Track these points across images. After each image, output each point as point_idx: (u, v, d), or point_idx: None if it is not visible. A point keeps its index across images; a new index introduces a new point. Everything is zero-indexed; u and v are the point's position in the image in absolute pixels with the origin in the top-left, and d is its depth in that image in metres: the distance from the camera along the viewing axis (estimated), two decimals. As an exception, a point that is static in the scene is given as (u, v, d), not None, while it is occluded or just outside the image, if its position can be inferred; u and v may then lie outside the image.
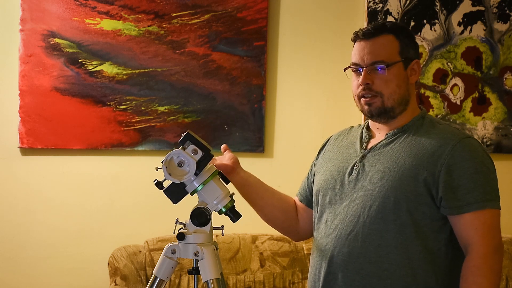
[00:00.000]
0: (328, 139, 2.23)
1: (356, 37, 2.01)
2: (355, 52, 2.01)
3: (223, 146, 2.16)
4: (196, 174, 1.87)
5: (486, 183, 1.88)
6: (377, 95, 1.97)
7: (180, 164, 1.87)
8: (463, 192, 1.85)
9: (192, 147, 1.88)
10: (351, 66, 2.01)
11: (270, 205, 2.19)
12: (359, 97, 2.00)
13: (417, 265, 1.88)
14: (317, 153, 2.24)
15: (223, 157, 2.13)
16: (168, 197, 1.92)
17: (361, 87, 1.98)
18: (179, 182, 1.87)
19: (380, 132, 2.04)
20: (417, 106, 2.06)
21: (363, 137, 2.07)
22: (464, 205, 1.85)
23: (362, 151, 2.03)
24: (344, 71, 2.06)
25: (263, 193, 2.18)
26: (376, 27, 1.99)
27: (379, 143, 2.01)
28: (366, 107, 1.99)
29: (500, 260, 1.87)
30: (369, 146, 2.03)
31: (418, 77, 2.04)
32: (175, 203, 1.92)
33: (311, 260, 2.08)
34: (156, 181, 1.90)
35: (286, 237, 3.13)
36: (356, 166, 2.00)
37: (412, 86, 2.02)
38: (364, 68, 1.97)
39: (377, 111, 1.98)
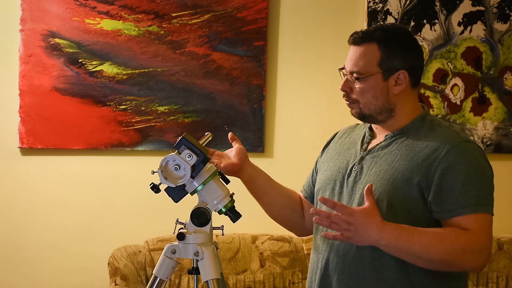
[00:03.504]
0: (333, 136, 2.22)
1: (348, 41, 2.01)
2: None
3: (230, 135, 2.13)
4: (192, 177, 1.89)
5: (480, 187, 1.85)
6: (355, 102, 1.98)
7: (176, 168, 1.88)
8: (456, 196, 1.83)
9: (187, 151, 1.89)
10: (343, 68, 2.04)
11: (277, 203, 2.18)
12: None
13: (412, 269, 1.87)
14: (321, 149, 2.24)
15: (230, 153, 2.11)
16: (169, 196, 1.93)
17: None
18: (174, 186, 1.89)
19: (380, 133, 2.04)
20: (419, 106, 2.03)
21: (365, 138, 2.06)
22: (457, 208, 1.83)
23: (361, 152, 2.02)
24: (339, 71, 2.05)
25: (271, 190, 2.17)
26: (363, 34, 1.97)
27: (378, 144, 2.00)
28: (350, 111, 2.03)
29: (479, 261, 1.83)
30: (369, 147, 2.03)
31: (405, 87, 1.96)
32: (176, 202, 1.93)
33: (310, 261, 2.08)
34: (152, 184, 1.91)
35: (286, 237, 3.15)
36: (355, 168, 1.99)
37: (398, 96, 1.96)
38: (345, 75, 2.00)
39: (357, 115, 2.01)
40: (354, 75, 1.95)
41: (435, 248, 1.79)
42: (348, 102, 2.01)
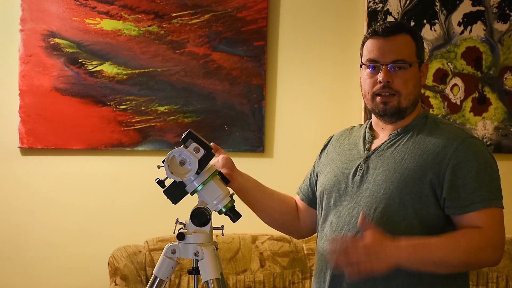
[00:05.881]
0: (330, 139, 2.21)
1: (374, 33, 1.99)
2: (372, 49, 1.98)
3: (212, 145, 2.03)
4: (197, 173, 1.87)
5: (490, 182, 1.88)
6: (395, 94, 1.95)
7: (182, 163, 1.87)
8: (468, 192, 1.85)
9: (194, 145, 1.88)
10: (367, 62, 1.99)
11: (270, 208, 2.19)
12: (374, 95, 1.98)
13: None
14: (319, 153, 2.23)
15: (217, 163, 2.08)
16: (168, 198, 1.92)
17: (379, 85, 1.96)
18: (181, 180, 1.87)
19: (383, 132, 2.03)
20: (420, 105, 2.06)
21: (366, 138, 2.05)
22: (470, 204, 1.85)
23: (365, 152, 2.02)
24: (361, 67, 2.03)
25: (261, 196, 2.17)
26: (395, 25, 1.99)
27: (382, 143, 2.00)
28: (381, 106, 1.98)
29: (496, 255, 1.84)
30: (373, 147, 2.02)
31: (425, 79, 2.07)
32: (175, 204, 1.92)
33: (316, 261, 2.07)
34: (158, 179, 1.91)
35: (286, 237, 3.14)
36: (360, 167, 1.99)
37: (421, 88, 2.05)
38: (384, 66, 1.95)
39: (392, 110, 1.97)
40: (401, 64, 1.95)
41: (454, 252, 1.81)
42: (385, 96, 1.96)
